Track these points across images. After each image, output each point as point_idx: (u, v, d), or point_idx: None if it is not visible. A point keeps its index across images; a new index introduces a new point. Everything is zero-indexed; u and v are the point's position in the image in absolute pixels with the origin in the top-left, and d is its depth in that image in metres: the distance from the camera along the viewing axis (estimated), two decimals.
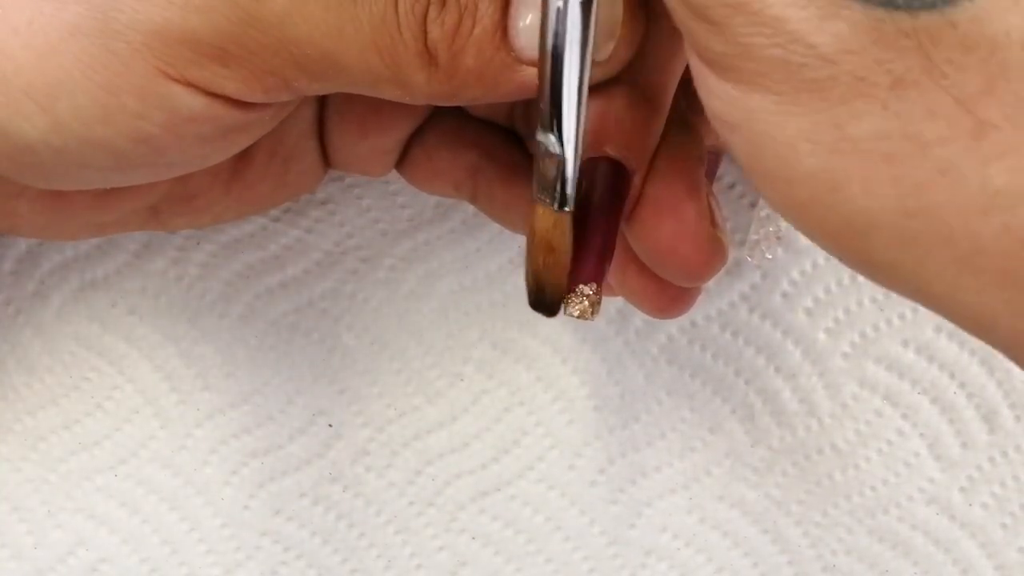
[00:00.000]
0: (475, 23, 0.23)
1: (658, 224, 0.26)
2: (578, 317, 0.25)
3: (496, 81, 0.23)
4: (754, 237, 0.34)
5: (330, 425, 0.36)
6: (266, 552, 0.36)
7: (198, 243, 0.35)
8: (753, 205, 0.35)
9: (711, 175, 0.32)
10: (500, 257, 0.35)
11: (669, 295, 0.27)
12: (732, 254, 0.33)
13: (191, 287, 0.35)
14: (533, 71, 0.23)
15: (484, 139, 0.30)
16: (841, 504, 0.36)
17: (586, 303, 0.25)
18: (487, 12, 0.23)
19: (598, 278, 0.25)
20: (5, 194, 0.27)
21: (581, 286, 0.25)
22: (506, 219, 0.31)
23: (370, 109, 0.29)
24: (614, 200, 0.25)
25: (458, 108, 0.30)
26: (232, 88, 0.23)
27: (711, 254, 0.26)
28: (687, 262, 0.26)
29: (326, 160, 0.31)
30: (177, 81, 0.22)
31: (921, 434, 0.36)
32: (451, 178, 0.31)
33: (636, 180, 0.25)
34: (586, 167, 0.24)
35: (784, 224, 0.34)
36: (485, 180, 0.30)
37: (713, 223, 0.26)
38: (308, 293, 0.35)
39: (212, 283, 0.35)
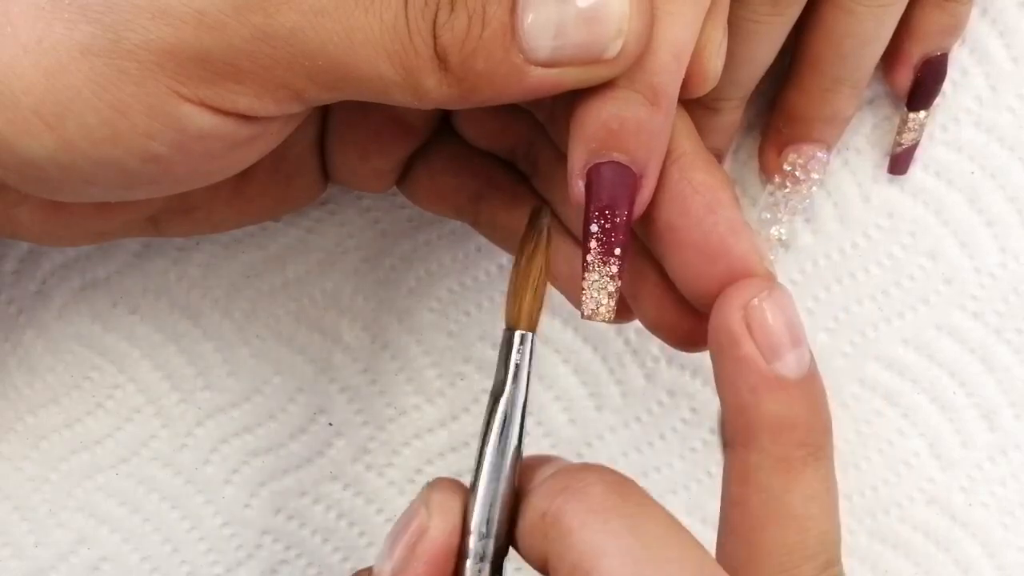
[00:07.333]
0: (484, 26, 0.23)
1: (709, 268, 0.25)
2: (595, 318, 0.26)
3: (506, 83, 0.23)
4: None
5: (330, 424, 0.36)
6: (267, 551, 0.36)
7: (198, 243, 0.35)
8: (754, 205, 0.35)
9: None
10: (500, 257, 0.35)
11: (703, 329, 0.26)
12: None
13: (192, 287, 0.35)
14: (542, 72, 0.23)
15: (487, 168, 0.30)
16: (841, 504, 0.35)
17: (609, 302, 0.25)
18: (495, 15, 0.23)
19: (617, 278, 0.25)
20: (7, 202, 0.27)
21: (603, 283, 0.25)
22: (508, 245, 0.31)
23: (370, 131, 0.29)
24: (624, 202, 0.25)
25: (461, 137, 0.30)
26: (244, 104, 0.23)
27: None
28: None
29: (326, 176, 0.31)
30: (188, 100, 0.22)
31: (921, 434, 0.35)
32: (453, 202, 0.31)
33: (648, 182, 0.25)
34: (593, 171, 0.24)
35: (785, 225, 0.34)
36: (488, 208, 0.30)
37: (760, 256, 0.25)
38: (309, 293, 0.35)
39: (213, 283, 0.35)
